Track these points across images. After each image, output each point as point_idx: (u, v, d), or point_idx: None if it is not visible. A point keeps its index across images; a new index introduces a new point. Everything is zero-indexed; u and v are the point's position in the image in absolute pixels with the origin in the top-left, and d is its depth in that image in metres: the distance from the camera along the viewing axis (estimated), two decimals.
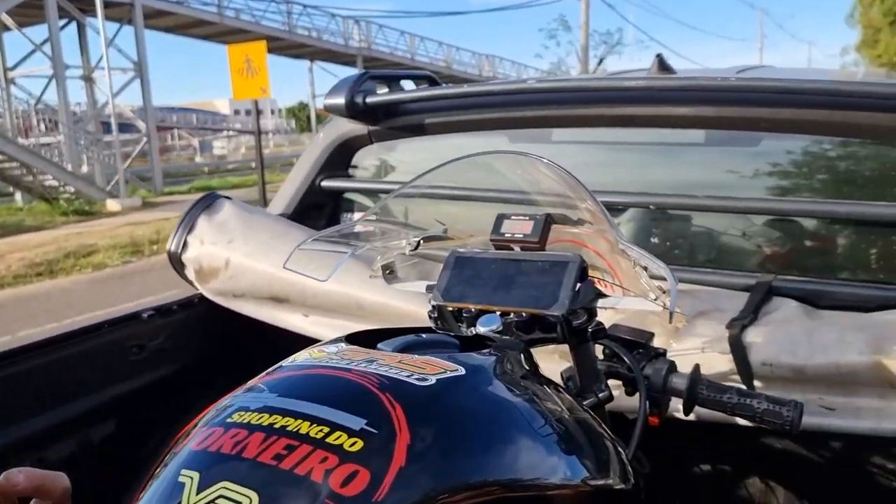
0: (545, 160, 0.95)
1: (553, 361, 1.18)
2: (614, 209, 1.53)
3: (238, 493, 0.53)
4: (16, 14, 15.58)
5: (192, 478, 0.55)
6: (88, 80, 17.13)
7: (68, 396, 1.44)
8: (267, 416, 0.60)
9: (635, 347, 1.02)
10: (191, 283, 1.65)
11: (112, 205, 14.07)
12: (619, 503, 0.81)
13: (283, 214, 1.78)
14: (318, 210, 1.78)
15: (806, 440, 1.36)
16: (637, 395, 0.96)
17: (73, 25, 16.75)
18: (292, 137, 36.68)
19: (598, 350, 1.05)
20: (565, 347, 0.95)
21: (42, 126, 15.59)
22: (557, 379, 1.01)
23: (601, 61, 29.21)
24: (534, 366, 0.84)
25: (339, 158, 1.79)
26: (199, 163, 27.56)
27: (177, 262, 1.62)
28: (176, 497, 0.54)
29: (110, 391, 1.51)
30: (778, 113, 1.33)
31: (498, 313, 0.93)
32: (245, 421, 0.60)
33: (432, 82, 1.85)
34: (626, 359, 0.99)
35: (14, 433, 1.35)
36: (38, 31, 16.11)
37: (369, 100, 1.64)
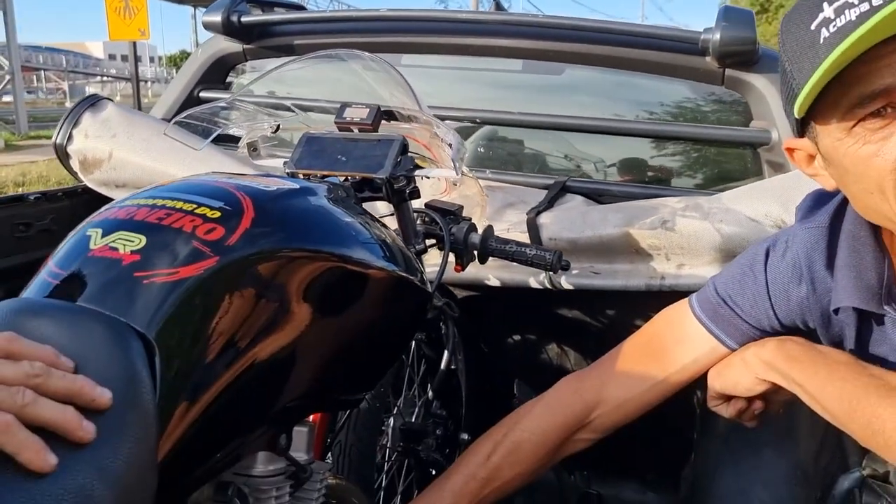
0: (373, 57, 1.22)
1: None
2: (453, 122, 1.84)
3: (132, 235, 0.78)
4: None
5: (97, 231, 0.80)
6: None
7: None
8: (151, 199, 0.85)
9: (447, 215, 1.34)
10: (74, 174, 1.82)
11: None
12: (414, 294, 1.09)
13: (164, 119, 1.97)
14: None
15: (587, 308, 1.74)
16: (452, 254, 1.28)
17: None
18: None
19: (419, 219, 1.36)
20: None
21: None
22: None
23: None
24: (362, 206, 1.12)
25: (216, 72, 2.00)
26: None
27: (62, 154, 1.79)
28: (85, 244, 0.79)
29: None
30: (575, 47, 1.68)
31: (340, 179, 1.22)
32: (135, 203, 0.85)
33: (300, 9, 2.09)
34: (438, 221, 1.31)
35: None
36: None
37: (244, 19, 1.86)
